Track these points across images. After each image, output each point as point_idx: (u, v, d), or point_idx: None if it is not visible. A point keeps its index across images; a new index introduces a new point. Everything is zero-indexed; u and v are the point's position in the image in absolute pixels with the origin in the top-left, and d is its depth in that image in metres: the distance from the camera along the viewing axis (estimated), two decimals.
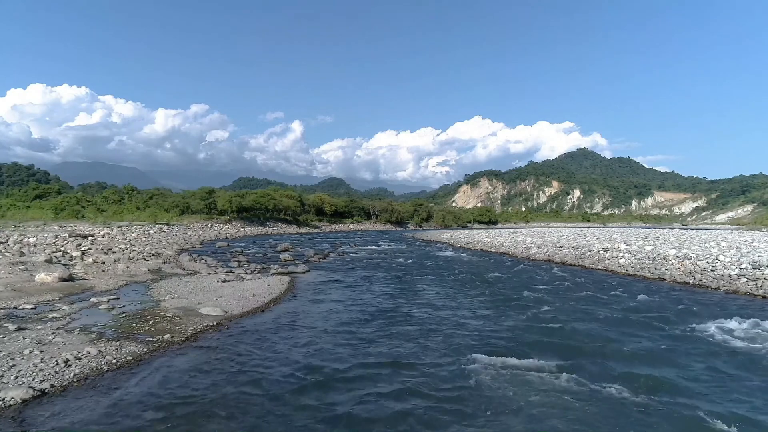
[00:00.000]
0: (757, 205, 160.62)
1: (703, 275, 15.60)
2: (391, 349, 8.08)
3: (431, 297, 13.47)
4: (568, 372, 6.87)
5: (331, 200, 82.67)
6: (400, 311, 11.25)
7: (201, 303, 11.01)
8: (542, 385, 6.44)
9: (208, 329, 8.81)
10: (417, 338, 8.74)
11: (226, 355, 7.42)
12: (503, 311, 11.49)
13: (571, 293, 14.05)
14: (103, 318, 9.36)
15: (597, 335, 9.10)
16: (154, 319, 9.32)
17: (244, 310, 10.67)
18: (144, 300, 11.44)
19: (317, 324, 9.80)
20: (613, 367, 7.29)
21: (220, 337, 8.42)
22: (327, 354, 7.69)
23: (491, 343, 8.50)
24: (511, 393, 6.16)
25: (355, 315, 10.79)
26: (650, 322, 10.21)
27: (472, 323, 10.12)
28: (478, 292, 14.22)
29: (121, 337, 7.93)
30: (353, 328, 9.45)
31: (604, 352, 8.05)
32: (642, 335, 9.22)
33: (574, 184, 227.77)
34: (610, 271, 19.33)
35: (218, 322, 9.33)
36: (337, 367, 7.02)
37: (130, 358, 6.93)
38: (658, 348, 8.37)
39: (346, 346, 8.18)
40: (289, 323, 9.73)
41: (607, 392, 6.20)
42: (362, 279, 17.25)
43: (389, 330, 9.35)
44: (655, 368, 7.27)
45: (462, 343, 8.41)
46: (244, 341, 8.22)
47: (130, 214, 52.26)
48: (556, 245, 27.88)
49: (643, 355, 7.88)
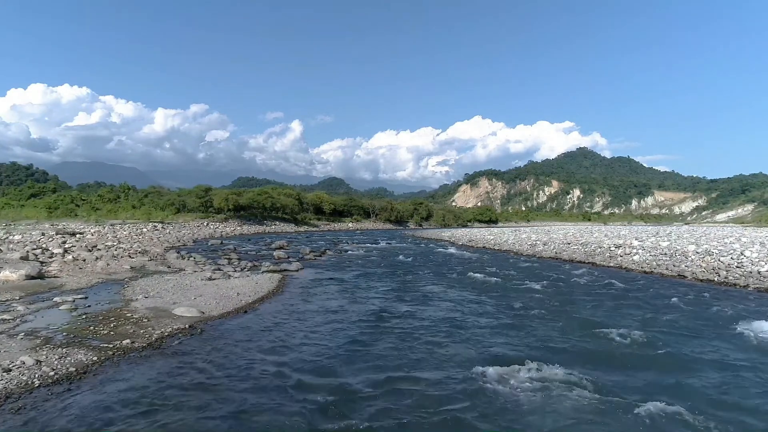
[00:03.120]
0: (758, 205, 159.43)
1: (729, 272, 14.40)
2: (388, 358, 6.82)
3: (434, 296, 12.25)
4: (600, 384, 5.68)
5: (329, 199, 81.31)
6: (399, 313, 9.99)
7: (177, 303, 9.80)
8: (568, 400, 5.25)
9: (177, 332, 7.59)
10: (420, 345, 7.51)
11: (191, 364, 6.18)
12: (515, 312, 10.29)
13: (587, 292, 12.85)
14: (60, 320, 8.15)
15: (627, 340, 7.88)
16: (118, 321, 8.11)
17: (224, 310, 9.46)
18: (114, 299, 10.22)
19: (303, 327, 8.54)
20: (655, 378, 6.09)
21: (190, 342, 7.19)
22: (309, 365, 6.44)
23: (503, 350, 7.30)
24: (531, 407, 4.97)
25: (348, 317, 9.54)
26: (687, 325, 9.01)
27: (480, 326, 8.91)
28: (484, 292, 13.01)
29: (71, 343, 6.72)
30: (344, 333, 8.19)
31: (639, 360, 6.85)
32: (682, 340, 7.99)
33: (573, 183, 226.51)
34: (624, 268, 18.14)
35: (191, 324, 8.11)
36: (320, 382, 5.78)
37: (73, 370, 5.71)
38: (707, 356, 7.12)
39: (335, 355, 6.91)
40: (272, 326, 8.48)
41: (650, 408, 5.01)
42: (359, 277, 16.04)
43: (385, 335, 8.09)
44: (711, 380, 6.07)
45: (471, 351, 7.20)
46: (216, 347, 6.99)
47: (124, 212, 51.26)
48: (563, 242, 26.67)
49: (693, 365, 6.66)
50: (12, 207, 51.01)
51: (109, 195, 60.88)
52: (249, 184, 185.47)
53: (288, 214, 67.62)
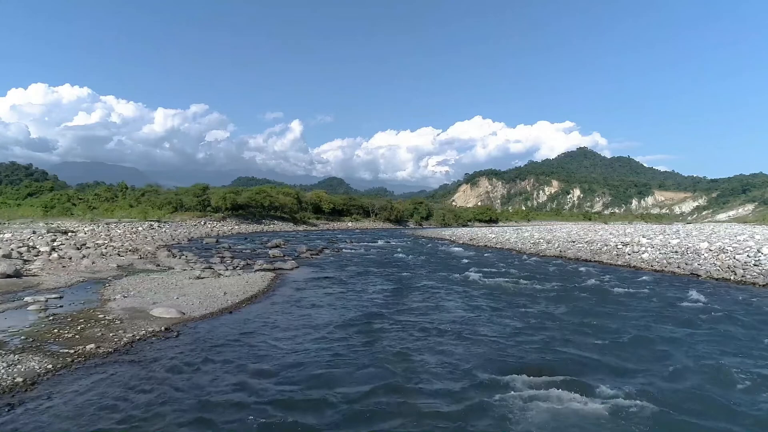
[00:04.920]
0: (758, 204, 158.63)
1: (746, 270, 13.65)
2: (379, 368, 5.99)
3: (433, 297, 11.49)
4: (623, 398, 4.95)
5: (328, 198, 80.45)
6: (396, 316, 9.19)
7: (157, 303, 9.06)
8: (586, 420, 4.52)
9: (150, 336, 6.84)
10: (416, 352, 6.71)
11: (154, 373, 5.43)
12: (520, 313, 9.54)
13: (599, 293, 12.09)
14: (24, 322, 7.40)
15: (651, 347, 7.13)
16: (88, 323, 7.36)
17: (207, 311, 8.71)
18: (90, 299, 9.48)
19: (289, 331, 7.76)
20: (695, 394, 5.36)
21: (162, 346, 6.44)
22: (292, 373, 5.67)
23: (509, 356, 6.55)
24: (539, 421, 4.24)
25: (339, 319, 8.76)
26: (720, 330, 8.21)
27: (484, 331, 8.16)
28: (487, 291, 12.26)
29: (28, 348, 5.97)
30: (332, 338, 7.41)
31: (669, 371, 6.10)
32: (718, 349, 7.21)
33: (574, 183, 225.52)
34: (633, 266, 17.39)
35: (167, 326, 7.36)
36: (301, 397, 5.01)
37: (20, 380, 4.96)
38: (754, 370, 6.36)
39: (318, 363, 6.11)
40: (256, 329, 7.72)
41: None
42: (356, 276, 15.29)
43: (380, 340, 7.31)
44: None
45: (472, 359, 6.44)
46: (190, 352, 6.23)
47: (121, 211, 50.67)
48: (567, 240, 25.91)
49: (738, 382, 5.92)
50: (8, 206, 50.61)
51: (106, 194, 60.21)
52: (249, 184, 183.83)
53: (287, 214, 66.87)
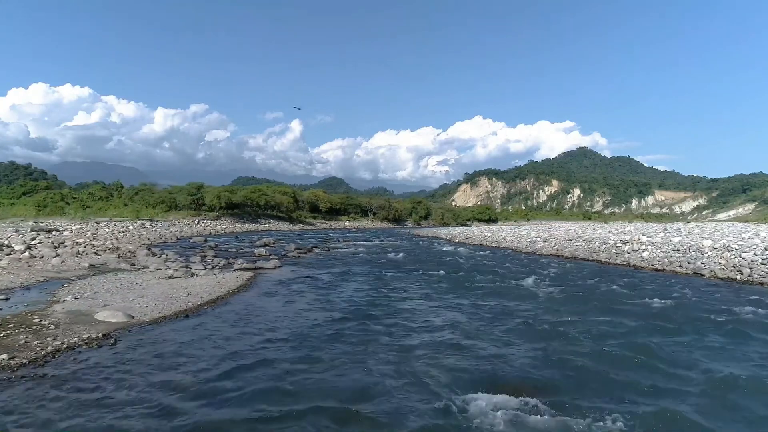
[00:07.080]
0: (758, 204, 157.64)
1: (753, 269, 12.80)
2: (346, 379, 5.24)
3: (417, 299, 10.64)
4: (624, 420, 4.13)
5: (326, 197, 79.48)
6: (375, 318, 8.34)
7: (107, 305, 8.23)
8: None
9: (82, 344, 6.01)
10: (391, 362, 5.88)
11: (63, 392, 4.57)
12: (510, 321, 8.73)
13: (598, 295, 11.22)
14: None
15: (655, 360, 6.31)
16: (17, 328, 6.52)
17: (161, 314, 7.88)
18: (37, 301, 8.66)
19: (250, 337, 6.91)
20: None
21: (89, 356, 5.60)
22: (244, 389, 4.86)
23: (498, 372, 5.73)
24: None
25: (310, 323, 7.91)
26: (730, 336, 7.41)
27: (469, 339, 7.33)
28: (474, 294, 11.41)
29: None
30: (299, 344, 6.57)
31: (679, 391, 5.28)
32: (728, 358, 6.43)
33: (574, 183, 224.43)
34: (632, 265, 16.56)
35: (106, 332, 6.53)
36: (248, 417, 4.21)
37: None
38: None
39: (280, 375, 5.31)
40: (209, 335, 6.86)
41: None
42: (340, 275, 14.46)
43: (351, 347, 6.48)
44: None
45: (454, 371, 5.63)
46: (116, 365, 5.36)
47: (113, 209, 50.05)
48: (564, 239, 25.06)
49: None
50: (2, 205, 50.17)
51: (101, 193, 59.44)
52: (249, 184, 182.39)
53: (283, 213, 66.01)
